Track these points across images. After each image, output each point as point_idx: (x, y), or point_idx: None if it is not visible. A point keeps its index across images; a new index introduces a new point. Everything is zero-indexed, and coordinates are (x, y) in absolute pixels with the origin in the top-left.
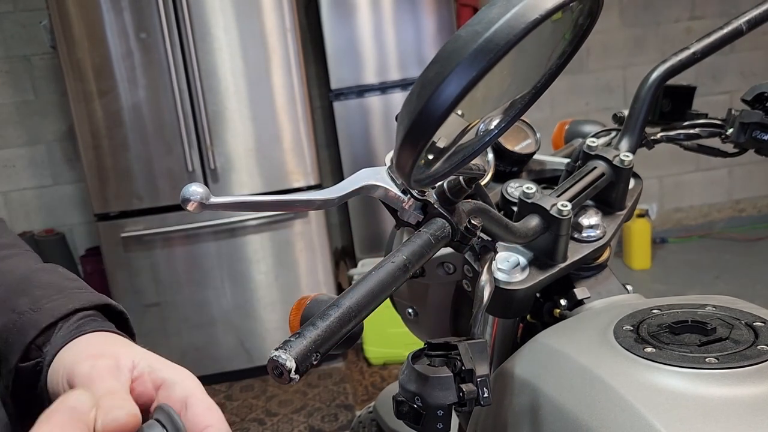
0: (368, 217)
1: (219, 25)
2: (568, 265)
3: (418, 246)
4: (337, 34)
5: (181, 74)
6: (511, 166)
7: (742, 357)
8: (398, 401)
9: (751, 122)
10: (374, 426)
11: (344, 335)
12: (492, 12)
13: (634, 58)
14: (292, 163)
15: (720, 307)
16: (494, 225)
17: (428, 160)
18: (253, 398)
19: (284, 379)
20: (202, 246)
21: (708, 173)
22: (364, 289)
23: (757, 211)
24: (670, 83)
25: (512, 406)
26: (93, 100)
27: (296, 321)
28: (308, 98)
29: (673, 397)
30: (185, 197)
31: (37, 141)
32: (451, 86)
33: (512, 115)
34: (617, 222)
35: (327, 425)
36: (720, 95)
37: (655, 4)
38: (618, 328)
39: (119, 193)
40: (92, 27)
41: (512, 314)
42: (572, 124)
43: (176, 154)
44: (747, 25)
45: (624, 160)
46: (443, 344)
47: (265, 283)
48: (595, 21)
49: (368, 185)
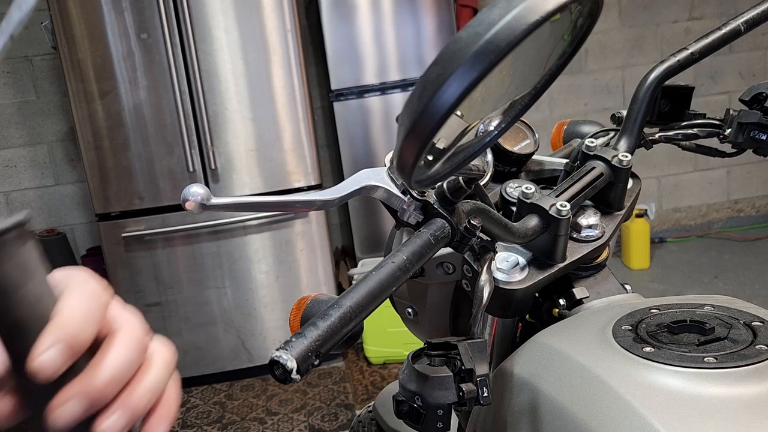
0: (368, 217)
1: (220, 25)
2: (567, 265)
3: (418, 246)
4: (337, 35)
5: (182, 75)
6: (510, 167)
7: (740, 356)
8: (398, 401)
9: (749, 122)
10: (374, 425)
11: (345, 335)
12: (492, 14)
13: (633, 59)
14: (292, 164)
15: (718, 307)
16: (493, 225)
17: (428, 161)
18: (253, 397)
19: (285, 379)
20: (203, 246)
21: (706, 173)
22: (365, 289)
23: (755, 211)
24: (669, 83)
25: (511, 405)
26: (94, 100)
27: (296, 321)
28: (308, 99)
29: (672, 397)
30: (186, 198)
31: (38, 141)
32: (452, 88)
33: (512, 116)
34: (616, 222)
35: (327, 424)
36: (718, 95)
37: (654, 4)
38: (617, 328)
39: (120, 193)
40: (93, 28)
41: (511, 314)
42: (571, 125)
43: (177, 155)
44: (745, 25)
45: (622, 160)
46: (443, 344)
47: (265, 282)
48: (595, 22)
49: (368, 186)
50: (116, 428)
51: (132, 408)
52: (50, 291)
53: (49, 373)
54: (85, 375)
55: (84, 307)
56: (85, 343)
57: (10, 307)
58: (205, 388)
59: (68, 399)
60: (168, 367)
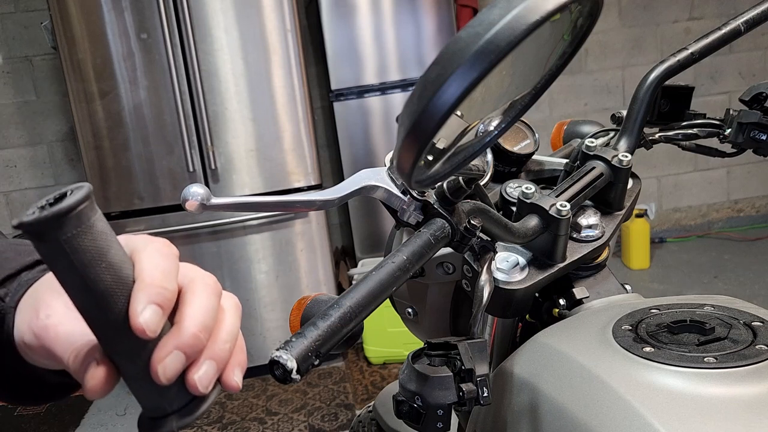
0: (368, 217)
1: (220, 25)
2: (567, 265)
3: (418, 246)
4: (337, 35)
5: (182, 75)
6: (510, 167)
7: (740, 356)
8: (398, 401)
9: (749, 122)
10: (374, 425)
11: (345, 335)
12: (492, 13)
13: (633, 59)
14: (292, 164)
15: (718, 307)
16: (493, 225)
17: (428, 161)
18: (253, 397)
19: (285, 379)
20: (203, 246)
21: (706, 173)
22: (365, 289)
23: (755, 211)
24: (669, 83)
25: (511, 405)
26: (94, 100)
27: (296, 321)
28: (308, 99)
29: (672, 397)
30: (186, 198)
31: (38, 141)
32: (452, 88)
33: (512, 116)
34: (616, 222)
35: (327, 424)
36: (718, 95)
37: (654, 4)
38: (617, 328)
39: (120, 193)
40: (93, 28)
41: (511, 314)
42: (571, 125)
43: (177, 155)
44: (745, 25)
45: (622, 160)
46: (443, 344)
47: (265, 283)
48: (595, 22)
49: (368, 186)
50: (210, 376)
51: (219, 354)
52: (126, 255)
53: (153, 330)
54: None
55: (161, 265)
56: (173, 298)
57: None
58: None
59: (168, 353)
60: (239, 311)
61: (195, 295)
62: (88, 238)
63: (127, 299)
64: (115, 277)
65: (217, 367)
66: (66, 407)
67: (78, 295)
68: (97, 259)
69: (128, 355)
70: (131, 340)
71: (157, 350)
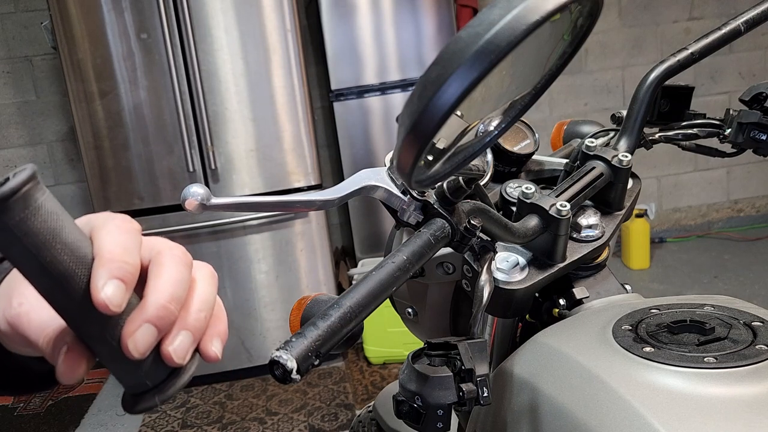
0: (368, 217)
1: (219, 25)
2: (567, 265)
3: (418, 246)
4: (337, 35)
5: (182, 75)
6: (510, 167)
7: (740, 356)
8: (398, 401)
9: (749, 122)
10: (374, 425)
11: (345, 335)
12: (493, 13)
13: (633, 59)
14: (292, 164)
15: (718, 307)
16: (493, 225)
17: (428, 161)
18: (253, 397)
19: (285, 379)
20: (203, 246)
21: (706, 173)
22: (365, 289)
23: (755, 211)
24: (669, 83)
25: (511, 405)
26: (94, 100)
27: (296, 321)
28: (308, 99)
29: (672, 397)
30: (186, 198)
31: (38, 141)
32: (452, 88)
33: (512, 116)
34: (616, 222)
35: (327, 424)
36: (718, 95)
37: (654, 4)
38: (617, 328)
39: (120, 193)
40: (93, 28)
41: (511, 314)
42: (571, 125)
43: (177, 155)
44: (745, 25)
45: (622, 160)
46: (443, 344)
47: (265, 283)
48: (595, 22)
49: (368, 186)
50: (185, 347)
51: (193, 324)
52: (83, 233)
53: (116, 305)
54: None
55: (120, 240)
56: (135, 272)
57: (57, 255)
58: (205, 388)
59: (138, 326)
60: (214, 280)
61: (162, 266)
62: (38, 219)
63: (89, 278)
64: (73, 257)
65: (193, 337)
66: (66, 407)
67: (38, 279)
68: (51, 240)
69: (99, 336)
70: (99, 319)
71: (126, 325)
